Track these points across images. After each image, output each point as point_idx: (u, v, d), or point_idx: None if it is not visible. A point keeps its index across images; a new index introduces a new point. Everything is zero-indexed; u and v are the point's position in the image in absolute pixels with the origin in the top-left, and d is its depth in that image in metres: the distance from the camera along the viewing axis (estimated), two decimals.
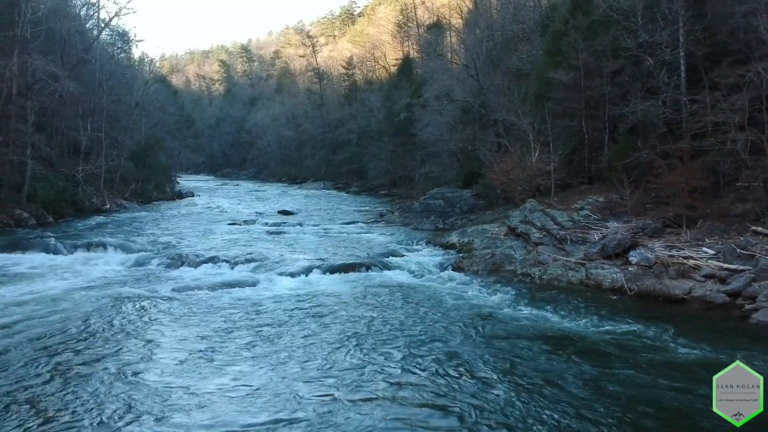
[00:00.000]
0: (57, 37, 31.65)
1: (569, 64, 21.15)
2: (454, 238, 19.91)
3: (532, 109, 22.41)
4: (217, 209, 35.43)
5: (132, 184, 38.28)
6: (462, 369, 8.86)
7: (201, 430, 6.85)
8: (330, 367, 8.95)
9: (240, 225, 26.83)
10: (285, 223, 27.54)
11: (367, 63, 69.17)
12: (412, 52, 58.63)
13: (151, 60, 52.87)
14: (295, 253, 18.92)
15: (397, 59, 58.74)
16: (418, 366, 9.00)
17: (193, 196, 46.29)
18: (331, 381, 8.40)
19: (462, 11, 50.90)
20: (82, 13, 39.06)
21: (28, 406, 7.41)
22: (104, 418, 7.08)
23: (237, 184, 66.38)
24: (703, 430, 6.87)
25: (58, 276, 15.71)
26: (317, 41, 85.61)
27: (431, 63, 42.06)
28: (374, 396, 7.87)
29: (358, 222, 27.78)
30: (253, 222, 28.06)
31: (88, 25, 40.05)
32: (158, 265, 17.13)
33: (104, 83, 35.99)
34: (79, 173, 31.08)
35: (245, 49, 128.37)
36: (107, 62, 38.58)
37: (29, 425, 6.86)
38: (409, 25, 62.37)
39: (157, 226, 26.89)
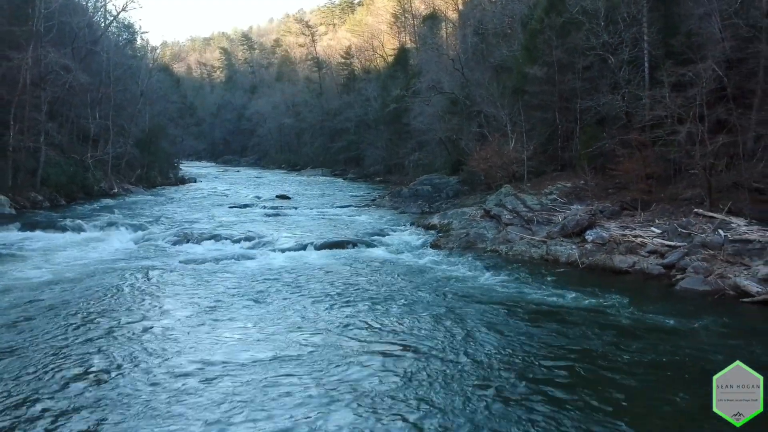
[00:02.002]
0: (67, 30, 33.37)
1: (544, 61, 22.93)
2: (435, 220, 21.77)
3: (510, 102, 24.21)
4: (218, 194, 37.34)
5: (137, 170, 40.17)
6: (421, 318, 10.77)
7: (209, 365, 8.53)
8: (317, 318, 10.83)
9: (240, 208, 28.75)
10: (282, 206, 29.45)
11: (366, 52, 70.66)
12: (408, 42, 60.16)
13: (153, 48, 54.58)
14: (290, 233, 20.76)
15: (394, 49, 60.26)
16: (387, 315, 10.97)
17: (195, 181, 48.16)
18: (317, 327, 10.26)
19: (457, 3, 52.37)
20: (90, 5, 40.76)
21: (61, 349, 9.09)
22: (127, 357, 8.73)
23: (238, 171, 68.22)
24: (616, 370, 8.50)
25: (77, 251, 17.49)
26: (317, 30, 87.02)
27: (424, 55, 43.70)
28: (353, 336, 9.80)
29: (350, 206, 29.66)
30: (253, 205, 29.97)
31: (95, 18, 41.77)
32: (166, 241, 18.97)
33: (111, 73, 37.77)
34: (89, 159, 32.94)
35: (246, 37, 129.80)
36: (113, 53, 40.28)
37: (61, 363, 8.40)
38: (406, 15, 63.76)
39: (162, 208, 28.76)
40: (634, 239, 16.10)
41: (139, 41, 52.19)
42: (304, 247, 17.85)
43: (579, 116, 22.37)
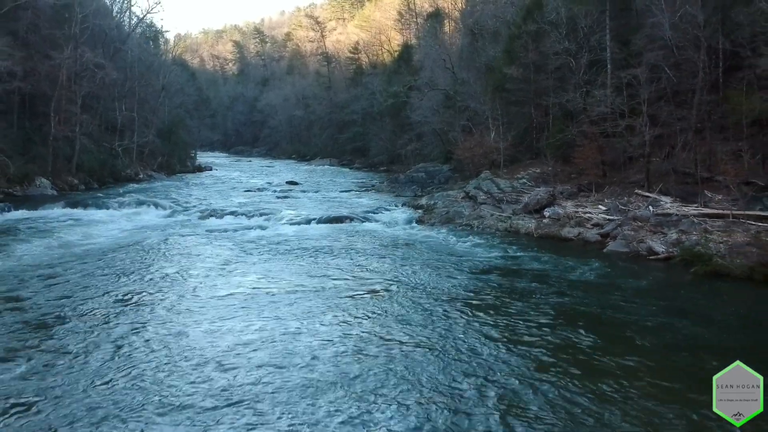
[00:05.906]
0: (97, 31, 36.85)
1: (521, 62, 26.09)
2: (423, 201, 25.04)
3: (492, 98, 27.41)
4: (233, 180, 40.82)
5: (159, 158, 43.76)
6: (397, 268, 14.14)
7: (236, 296, 11.82)
8: (318, 267, 14.20)
9: (254, 192, 32.23)
10: (291, 190, 32.87)
11: (373, 47, 73.59)
12: (412, 39, 63.10)
13: (166, 41, 57.99)
14: (297, 210, 24.08)
15: (400, 44, 63.20)
16: (370, 265, 14.36)
17: (211, 169, 51.63)
18: (318, 273, 13.63)
19: (457, 2, 55.26)
20: (116, 9, 44.30)
21: (105, 294, 12.44)
22: (163, 297, 11.82)
23: (250, 161, 71.71)
24: (537, 303, 11.77)
25: (115, 224, 20.93)
26: (325, 26, 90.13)
27: (424, 52, 46.81)
28: (343, 279, 13.16)
29: (352, 191, 33.01)
30: (265, 190, 33.42)
31: (122, 19, 45.37)
32: (191, 216, 22.39)
33: (136, 70, 41.28)
34: (117, 147, 36.50)
35: (258, 31, 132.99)
36: (138, 51, 43.77)
37: (106, 300, 11.47)
38: (410, 13, 66.63)
39: (185, 191, 32.21)
40: (583, 215, 19.32)
41: (160, 39, 55.68)
42: (309, 221, 21.19)
43: (551, 111, 25.51)
